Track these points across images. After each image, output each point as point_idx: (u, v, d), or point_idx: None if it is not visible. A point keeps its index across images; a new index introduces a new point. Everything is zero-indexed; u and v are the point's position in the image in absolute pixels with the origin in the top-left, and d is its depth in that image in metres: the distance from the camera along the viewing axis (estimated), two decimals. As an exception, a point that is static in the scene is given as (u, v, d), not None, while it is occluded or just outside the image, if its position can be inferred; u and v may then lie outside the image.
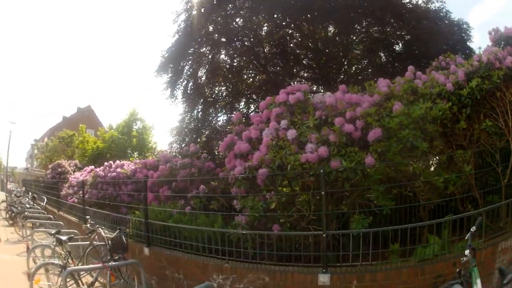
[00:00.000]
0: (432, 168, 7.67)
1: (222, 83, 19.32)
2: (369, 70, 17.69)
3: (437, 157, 7.36)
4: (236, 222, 7.63)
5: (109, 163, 16.81)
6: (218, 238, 7.50)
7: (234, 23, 17.58)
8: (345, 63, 18.12)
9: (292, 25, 17.84)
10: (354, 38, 17.63)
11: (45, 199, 19.29)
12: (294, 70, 18.59)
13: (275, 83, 16.59)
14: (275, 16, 17.04)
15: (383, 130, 6.59)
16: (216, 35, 17.94)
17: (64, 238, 8.23)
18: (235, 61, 18.64)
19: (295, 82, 17.54)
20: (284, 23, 17.61)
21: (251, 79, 19.68)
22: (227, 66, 18.77)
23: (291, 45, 18.29)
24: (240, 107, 19.68)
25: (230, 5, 17.26)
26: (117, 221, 11.66)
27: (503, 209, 6.89)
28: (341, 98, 7.66)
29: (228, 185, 8.95)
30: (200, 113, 19.53)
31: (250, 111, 18.50)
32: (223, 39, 17.97)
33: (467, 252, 4.92)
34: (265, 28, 17.89)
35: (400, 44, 17.26)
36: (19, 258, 11.72)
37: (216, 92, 19.85)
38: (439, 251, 6.26)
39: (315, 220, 6.82)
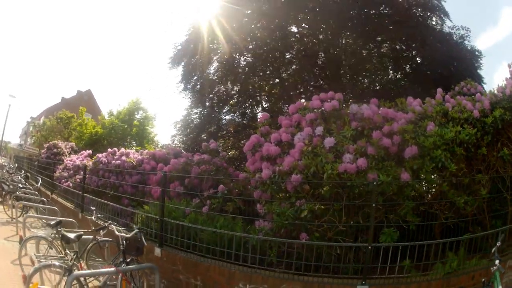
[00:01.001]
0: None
1: (232, 83, 18.86)
2: (377, 86, 17.55)
3: (455, 179, 7.08)
4: (260, 228, 7.06)
5: (113, 149, 15.32)
6: (241, 243, 6.97)
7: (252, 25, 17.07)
8: (356, 75, 17.65)
9: (310, 31, 17.42)
10: (370, 50, 17.16)
11: (40, 180, 17.58)
12: (307, 77, 18.28)
13: (286, 89, 17.18)
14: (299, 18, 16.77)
15: (418, 148, 6.64)
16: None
17: (72, 236, 6.81)
18: (248, 62, 18.18)
19: (307, 90, 17.92)
20: (302, 29, 17.37)
21: (263, 82, 19.14)
22: (240, 67, 18.20)
23: (304, 51, 17.53)
24: (246, 108, 19.56)
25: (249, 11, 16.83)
26: (118, 213, 10.55)
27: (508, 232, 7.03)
28: (376, 111, 7.47)
29: (247, 187, 8.60)
30: (206, 109, 19.10)
31: (256, 113, 18.82)
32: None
33: (497, 262, 5.26)
34: (279, 33, 17.09)
35: (411, 63, 17.03)
36: (8, 244, 10.25)
37: (225, 90, 19.39)
38: (456, 267, 6.31)
39: (342, 232, 6.53)
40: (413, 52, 16.41)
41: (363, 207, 6.57)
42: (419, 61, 16.44)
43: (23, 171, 23.32)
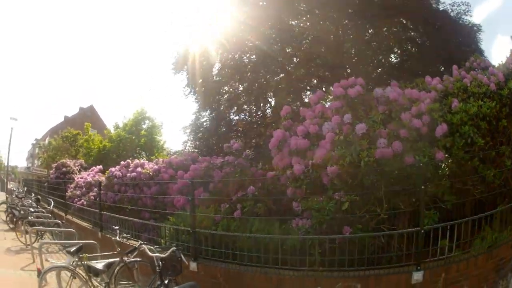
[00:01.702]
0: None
1: (239, 82, 18.34)
2: (379, 70, 17.13)
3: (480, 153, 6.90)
4: (300, 226, 6.49)
5: (126, 162, 14.33)
6: (279, 246, 6.49)
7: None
8: (359, 61, 16.84)
9: (309, 22, 17.07)
10: (372, 35, 16.73)
11: (52, 201, 16.54)
12: (312, 69, 17.90)
13: (292, 82, 16.98)
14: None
15: (447, 126, 6.57)
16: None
17: (100, 267, 5.82)
18: (252, 59, 17.67)
19: (310, 82, 18.22)
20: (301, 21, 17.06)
21: (269, 76, 18.16)
22: (244, 65, 17.75)
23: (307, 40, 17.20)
24: (255, 106, 19.16)
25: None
26: (141, 229, 9.94)
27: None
28: (401, 93, 7.32)
29: (276, 186, 8.04)
30: (214, 112, 18.69)
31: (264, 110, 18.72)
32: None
33: None
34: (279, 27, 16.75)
35: (414, 43, 16.74)
36: (25, 275, 9.20)
37: (232, 90, 18.89)
38: (494, 240, 6.28)
39: (384, 220, 6.20)
40: (415, 33, 16.25)
41: (401, 192, 6.31)
42: (419, 42, 16.28)
43: (33, 194, 22.33)
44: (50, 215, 14.29)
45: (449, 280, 5.81)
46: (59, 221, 13.07)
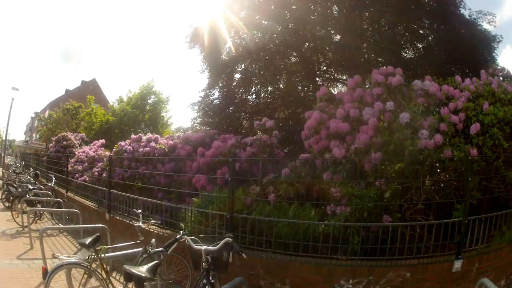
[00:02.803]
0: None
1: (254, 62, 17.50)
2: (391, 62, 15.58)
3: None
4: (341, 213, 6.15)
5: (137, 135, 13.19)
6: (319, 233, 6.12)
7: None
8: (368, 51, 16.24)
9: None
10: (384, 29, 16.06)
11: (53, 178, 15.20)
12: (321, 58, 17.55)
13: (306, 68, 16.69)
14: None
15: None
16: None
17: (143, 272, 4.16)
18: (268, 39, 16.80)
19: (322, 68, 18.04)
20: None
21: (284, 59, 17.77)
22: (263, 42, 16.65)
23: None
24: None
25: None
26: (152, 211, 8.71)
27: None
28: (438, 88, 7.37)
29: (307, 169, 7.53)
30: (224, 89, 17.96)
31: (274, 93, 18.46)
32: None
33: None
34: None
35: (428, 42, 16.13)
36: (23, 266, 7.85)
37: (246, 69, 17.98)
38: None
39: (420, 210, 6.20)
40: (429, 31, 15.74)
41: (437, 183, 6.36)
42: (432, 41, 15.67)
43: (31, 169, 20.90)
44: (50, 193, 13.08)
45: (480, 270, 5.92)
46: (61, 200, 11.94)
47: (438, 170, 6.48)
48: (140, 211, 6.80)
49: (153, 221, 6.86)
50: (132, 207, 8.96)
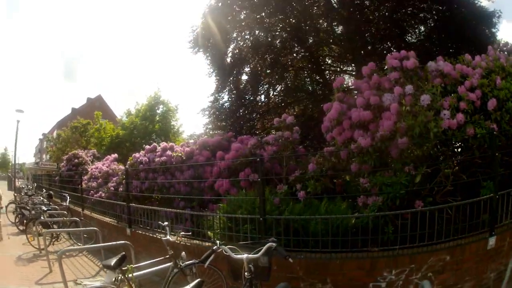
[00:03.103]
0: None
1: (260, 61, 17.53)
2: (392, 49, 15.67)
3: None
4: (373, 203, 6.08)
5: (152, 146, 12.83)
6: (353, 226, 6.05)
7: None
8: (371, 40, 16.30)
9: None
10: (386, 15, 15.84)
11: (68, 197, 14.72)
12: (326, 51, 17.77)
13: (315, 60, 16.98)
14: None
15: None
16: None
17: None
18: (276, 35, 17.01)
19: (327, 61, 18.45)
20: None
21: (290, 55, 17.88)
22: (268, 41, 16.82)
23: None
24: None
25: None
26: (179, 220, 8.41)
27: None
28: (452, 67, 7.22)
29: (331, 162, 7.44)
30: (234, 92, 17.95)
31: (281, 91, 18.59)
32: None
33: None
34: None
35: (427, 25, 16.15)
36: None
37: (253, 69, 17.95)
38: None
39: (448, 191, 6.16)
40: (429, 14, 15.63)
41: (461, 163, 6.47)
42: (433, 22, 15.67)
43: (44, 190, 20.48)
44: (65, 212, 12.73)
45: (511, 244, 5.98)
46: (77, 219, 11.54)
47: (460, 150, 6.68)
48: (166, 223, 6.40)
49: (183, 233, 6.39)
50: (154, 219, 8.68)
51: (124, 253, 5.14)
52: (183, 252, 5.73)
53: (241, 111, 17.54)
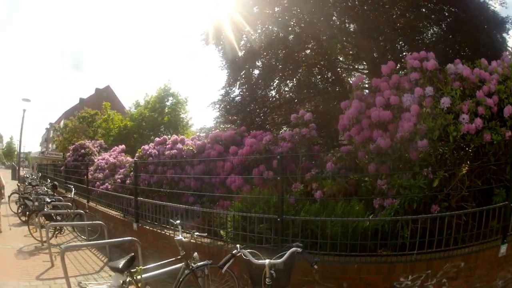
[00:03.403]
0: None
1: (274, 55, 17.15)
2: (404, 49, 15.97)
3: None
4: (390, 206, 6.03)
5: (162, 138, 12.45)
6: (369, 229, 5.86)
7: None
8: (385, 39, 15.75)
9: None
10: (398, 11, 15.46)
11: (73, 188, 14.21)
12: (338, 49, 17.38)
13: (325, 55, 16.71)
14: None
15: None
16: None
17: None
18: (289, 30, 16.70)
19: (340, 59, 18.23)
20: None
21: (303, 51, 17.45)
22: (280, 36, 16.51)
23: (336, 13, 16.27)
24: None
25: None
26: (190, 217, 8.07)
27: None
28: (470, 72, 7.15)
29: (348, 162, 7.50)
30: (246, 86, 17.69)
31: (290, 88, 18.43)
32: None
33: None
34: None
35: (442, 26, 15.78)
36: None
37: (265, 64, 17.55)
38: None
39: (464, 197, 6.08)
40: (442, 16, 15.29)
41: (477, 169, 6.29)
42: (445, 27, 15.46)
43: (48, 180, 20.04)
44: (70, 204, 12.45)
45: None
46: (82, 211, 11.29)
47: (473, 155, 6.45)
48: (178, 221, 6.08)
49: (197, 233, 5.98)
50: (163, 215, 8.40)
51: (133, 254, 4.86)
52: (195, 253, 5.47)
53: (252, 105, 17.37)
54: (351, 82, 18.08)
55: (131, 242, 6.91)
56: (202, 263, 5.37)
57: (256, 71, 17.64)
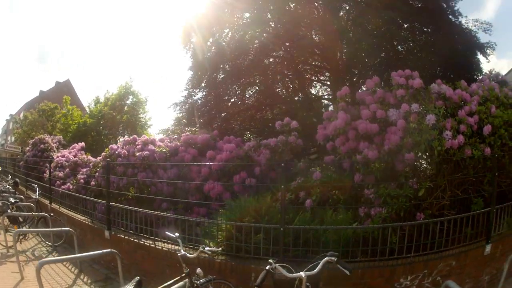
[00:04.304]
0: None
1: (239, 60, 16.50)
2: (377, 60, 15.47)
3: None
4: (378, 214, 6.10)
5: (132, 137, 11.32)
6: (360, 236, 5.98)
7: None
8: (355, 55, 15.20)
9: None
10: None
11: (37, 188, 12.82)
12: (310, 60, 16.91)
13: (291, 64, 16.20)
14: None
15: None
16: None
17: None
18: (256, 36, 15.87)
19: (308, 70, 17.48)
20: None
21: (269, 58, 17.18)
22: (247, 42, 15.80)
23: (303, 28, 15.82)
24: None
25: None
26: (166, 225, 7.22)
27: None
28: (452, 92, 7.51)
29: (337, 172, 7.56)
30: (208, 89, 17.09)
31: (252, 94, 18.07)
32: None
33: None
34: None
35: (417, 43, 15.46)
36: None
37: (230, 68, 16.79)
38: None
39: (445, 205, 6.33)
40: (421, 36, 15.18)
41: (460, 180, 6.60)
42: (422, 42, 15.00)
43: (9, 176, 18.54)
44: (32, 205, 11.26)
45: (502, 251, 6.48)
46: (46, 215, 10.21)
47: (455, 168, 6.67)
48: (177, 234, 5.32)
49: (208, 248, 5.14)
50: (138, 223, 7.63)
51: (138, 277, 4.26)
52: (199, 268, 4.96)
53: (215, 109, 16.79)
54: (313, 92, 18.54)
55: (111, 254, 6.22)
56: (206, 279, 5.01)
57: (221, 75, 16.99)
